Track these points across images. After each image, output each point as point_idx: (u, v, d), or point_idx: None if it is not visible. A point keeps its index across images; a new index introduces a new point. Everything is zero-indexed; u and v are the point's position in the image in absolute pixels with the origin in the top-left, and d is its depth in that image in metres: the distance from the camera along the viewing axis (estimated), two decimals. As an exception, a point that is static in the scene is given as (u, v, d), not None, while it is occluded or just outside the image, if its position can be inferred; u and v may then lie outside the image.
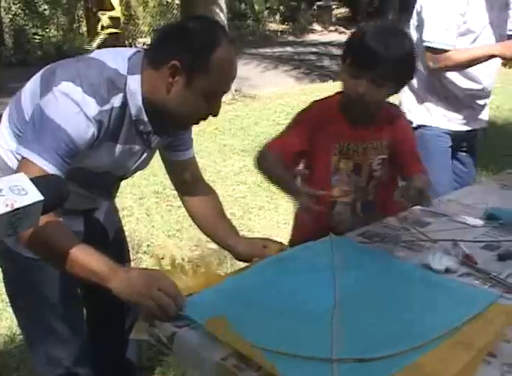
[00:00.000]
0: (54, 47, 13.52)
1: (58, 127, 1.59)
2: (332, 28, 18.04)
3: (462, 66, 2.81)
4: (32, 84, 1.78)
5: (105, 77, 1.67)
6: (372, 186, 2.16)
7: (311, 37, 16.75)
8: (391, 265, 1.81)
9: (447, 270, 1.73)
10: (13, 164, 1.75)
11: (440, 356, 1.35)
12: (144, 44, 14.13)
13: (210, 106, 1.74)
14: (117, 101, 1.69)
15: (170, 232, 4.44)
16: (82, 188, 1.86)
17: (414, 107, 2.99)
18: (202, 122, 1.81)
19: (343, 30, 17.68)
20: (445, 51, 2.73)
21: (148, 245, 4.25)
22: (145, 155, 1.91)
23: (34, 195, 1.25)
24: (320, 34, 17.19)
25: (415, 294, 1.66)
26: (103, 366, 2.25)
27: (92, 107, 1.64)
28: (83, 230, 1.97)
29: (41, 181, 1.31)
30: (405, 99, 3.01)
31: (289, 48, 14.52)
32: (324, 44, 15.07)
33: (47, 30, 14.34)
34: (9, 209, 1.20)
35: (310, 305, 1.58)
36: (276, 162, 2.04)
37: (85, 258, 1.54)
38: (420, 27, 2.82)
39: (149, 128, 1.78)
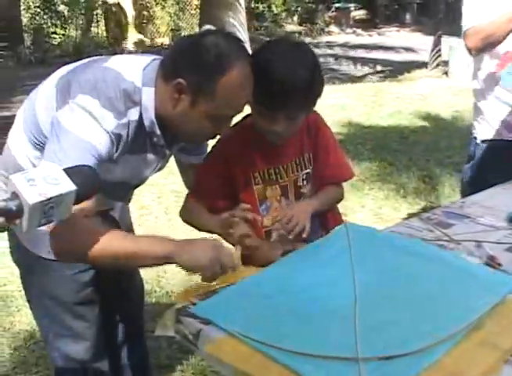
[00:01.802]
0: (73, 46, 13.60)
1: (81, 140, 1.57)
2: (349, 30, 17.99)
3: (498, 35, 2.64)
4: (46, 93, 1.73)
5: (121, 90, 1.65)
6: None
7: (328, 38, 16.70)
8: (409, 247, 1.81)
9: (471, 272, 1.72)
10: (27, 167, 1.75)
11: (464, 356, 1.34)
12: (162, 44, 14.19)
13: (216, 128, 1.72)
14: (133, 114, 1.68)
15: (188, 230, 4.41)
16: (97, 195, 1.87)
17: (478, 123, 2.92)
18: None
19: (360, 32, 17.64)
20: None
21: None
22: (160, 164, 1.93)
23: (67, 185, 1.27)
24: (337, 36, 17.14)
25: (437, 282, 1.64)
26: (119, 362, 2.30)
27: (110, 121, 1.62)
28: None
29: (73, 171, 1.33)
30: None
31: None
32: (341, 46, 15.03)
33: (66, 29, 14.42)
34: (42, 198, 1.22)
35: (329, 301, 1.57)
36: (200, 212, 1.97)
37: (146, 246, 1.56)
38: None
39: (162, 141, 1.77)
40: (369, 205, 4.76)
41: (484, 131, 2.86)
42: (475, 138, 2.89)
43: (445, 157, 5.83)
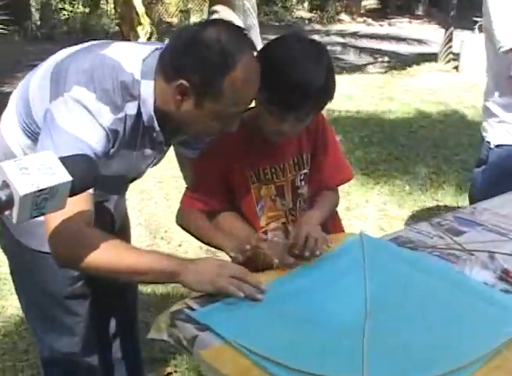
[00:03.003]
0: (80, 23, 13.47)
1: (75, 137, 1.48)
2: (360, 19, 17.79)
3: None
4: (41, 81, 1.64)
5: (119, 82, 1.54)
6: (300, 206, 1.98)
7: (338, 27, 16.52)
8: (424, 267, 1.72)
9: (484, 284, 1.64)
10: (19, 155, 1.68)
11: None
12: (171, 24, 14.05)
13: (224, 126, 1.63)
14: (131, 109, 1.58)
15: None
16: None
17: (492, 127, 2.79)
18: None
19: (371, 22, 17.44)
20: None
21: (166, 231, 4.19)
22: (158, 158, 1.85)
23: (62, 175, 1.20)
24: (348, 25, 16.96)
25: (453, 307, 1.55)
26: (110, 356, 2.24)
27: (106, 116, 1.53)
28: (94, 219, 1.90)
29: (70, 161, 1.25)
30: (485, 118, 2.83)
31: (316, 37, 14.35)
32: (351, 34, 14.88)
33: (74, 5, 14.27)
34: (34, 189, 1.16)
35: (339, 316, 1.50)
36: (207, 227, 1.88)
37: (150, 261, 1.52)
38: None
39: (161, 138, 1.68)
40: (374, 200, 4.68)
41: (499, 135, 2.74)
42: (488, 142, 2.77)
43: (453, 155, 5.74)
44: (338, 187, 2.08)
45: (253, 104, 1.76)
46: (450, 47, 10.79)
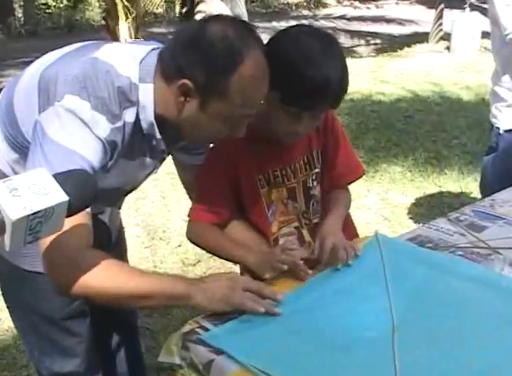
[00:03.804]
0: (64, 19, 13.27)
1: (70, 151, 1.34)
2: (347, 3, 17.67)
3: None
4: (27, 89, 1.49)
5: (115, 88, 1.40)
6: (313, 207, 1.87)
7: (325, 11, 16.38)
8: (450, 266, 1.61)
9: (515, 287, 1.53)
10: (6, 170, 1.56)
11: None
12: (156, 15, 13.84)
13: (231, 130, 1.49)
14: (129, 116, 1.44)
15: (187, 216, 4.25)
16: None
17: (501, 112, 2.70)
18: None
19: (358, 4, 17.32)
20: None
21: (164, 231, 4.07)
22: (157, 168, 1.72)
23: (58, 195, 1.10)
24: (335, 9, 16.82)
25: (489, 314, 1.44)
26: (114, 371, 2.13)
27: (103, 126, 1.38)
28: None
29: (66, 178, 1.15)
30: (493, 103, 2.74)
31: (305, 22, 14.17)
32: (339, 18, 14.74)
33: (58, 0, 14.06)
34: (27, 212, 1.05)
35: (364, 330, 1.38)
36: (215, 237, 1.76)
37: (158, 284, 1.40)
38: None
39: (163, 146, 1.55)
40: (376, 189, 4.56)
41: (508, 119, 2.63)
42: (498, 128, 2.66)
43: (452, 138, 5.63)
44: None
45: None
46: (441, 24, 10.67)
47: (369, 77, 8.17)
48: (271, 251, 1.65)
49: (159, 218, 4.27)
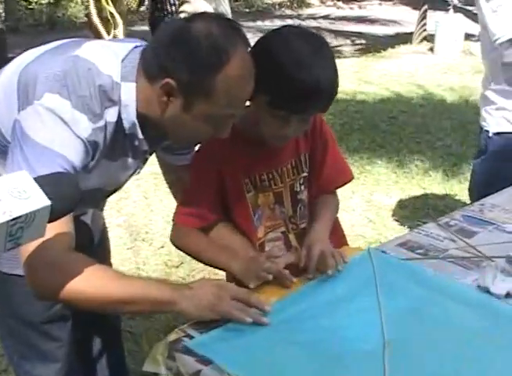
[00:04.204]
0: (46, 15, 13.13)
1: (50, 151, 1.30)
2: (330, 3, 17.66)
3: None
4: (5, 87, 1.44)
5: (97, 87, 1.37)
6: (300, 212, 1.83)
7: (309, 11, 16.36)
8: (442, 289, 1.56)
9: (507, 295, 1.50)
10: None
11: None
12: (139, 13, 13.74)
13: (216, 130, 1.46)
14: (111, 115, 1.40)
15: (169, 217, 4.17)
16: None
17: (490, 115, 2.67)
18: None
19: (341, 5, 17.32)
20: None
21: (146, 232, 4.02)
22: (140, 168, 1.68)
23: (39, 199, 1.05)
24: (318, 9, 16.81)
25: (475, 328, 1.42)
26: None
27: (84, 126, 1.35)
28: None
29: (47, 181, 1.10)
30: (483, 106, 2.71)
31: (289, 22, 14.14)
32: (323, 18, 14.73)
33: (39, -4, 13.92)
34: (7, 218, 1.01)
35: (355, 343, 1.35)
36: (199, 243, 1.71)
37: (142, 289, 1.36)
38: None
39: (145, 146, 1.51)
40: (360, 191, 4.54)
41: (498, 122, 2.62)
42: (487, 131, 2.65)
43: (437, 140, 5.62)
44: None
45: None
46: (424, 25, 10.69)
47: (353, 77, 8.16)
48: (255, 259, 1.60)
49: (141, 218, 4.22)
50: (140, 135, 1.46)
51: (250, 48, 1.44)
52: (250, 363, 1.28)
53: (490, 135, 2.63)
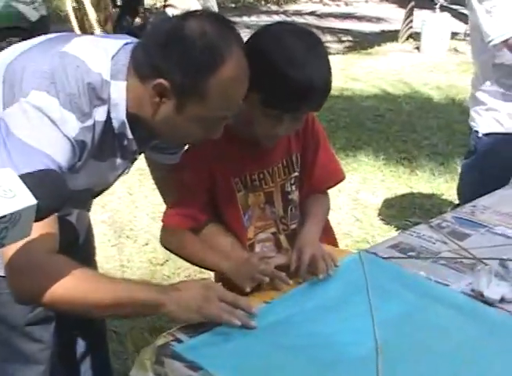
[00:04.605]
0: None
1: (36, 151, 1.26)
2: (316, -1, 17.64)
3: None
4: None
5: (86, 84, 1.32)
6: (291, 213, 1.80)
7: (295, 7, 16.30)
8: (435, 295, 1.54)
9: (502, 299, 1.49)
10: None
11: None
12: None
13: (207, 132, 1.43)
14: (99, 114, 1.36)
15: (154, 214, 4.14)
16: None
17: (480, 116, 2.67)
18: None
19: (327, 1, 17.27)
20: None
21: (131, 229, 3.97)
22: (128, 169, 1.65)
23: (25, 198, 1.02)
24: (304, 5, 16.76)
25: (468, 335, 1.40)
26: None
27: (72, 125, 1.31)
28: None
29: (34, 179, 1.07)
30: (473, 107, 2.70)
31: (276, 17, 14.10)
32: (309, 14, 14.69)
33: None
34: None
35: (347, 349, 1.33)
36: (189, 244, 1.68)
37: (128, 294, 1.33)
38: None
39: (134, 147, 1.47)
40: (347, 189, 4.51)
41: (487, 123, 2.61)
42: (476, 131, 2.64)
43: (423, 139, 5.61)
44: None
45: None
46: (411, 22, 10.69)
47: (340, 74, 8.13)
48: (249, 260, 1.58)
49: (126, 215, 4.17)
50: (130, 135, 1.43)
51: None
52: (240, 368, 1.26)
53: (480, 135, 2.62)
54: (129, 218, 4.10)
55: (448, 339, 1.37)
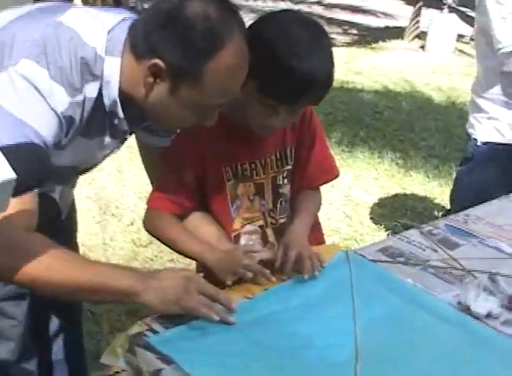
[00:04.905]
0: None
1: (21, 123, 1.20)
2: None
3: None
4: None
5: (78, 59, 1.28)
6: (281, 207, 1.76)
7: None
8: (421, 302, 1.51)
9: (488, 315, 1.46)
10: None
11: None
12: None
13: (200, 119, 1.39)
14: (90, 90, 1.32)
15: (142, 193, 4.09)
16: None
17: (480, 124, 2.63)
18: None
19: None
20: None
21: (117, 207, 3.94)
22: (118, 148, 1.61)
23: (4, 171, 0.98)
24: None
25: (453, 347, 1.37)
26: (50, 358, 2.02)
27: (61, 99, 1.26)
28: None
29: (14, 152, 1.04)
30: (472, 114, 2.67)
31: (282, 4, 14.00)
32: (315, 3, 14.60)
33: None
34: None
35: (327, 351, 1.30)
36: (173, 230, 1.64)
37: (104, 279, 1.30)
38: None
39: (125, 126, 1.43)
40: (339, 185, 4.47)
41: (487, 132, 2.58)
42: (475, 139, 2.61)
43: (420, 140, 5.59)
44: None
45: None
46: (418, 22, 10.64)
47: (342, 67, 8.08)
48: (233, 253, 1.54)
49: (113, 192, 4.13)
50: (121, 114, 1.39)
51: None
52: (215, 366, 1.22)
53: (478, 143, 2.59)
54: (116, 197, 4.06)
55: (429, 346, 1.35)
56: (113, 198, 4.05)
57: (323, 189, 1.89)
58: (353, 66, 8.29)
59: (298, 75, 1.41)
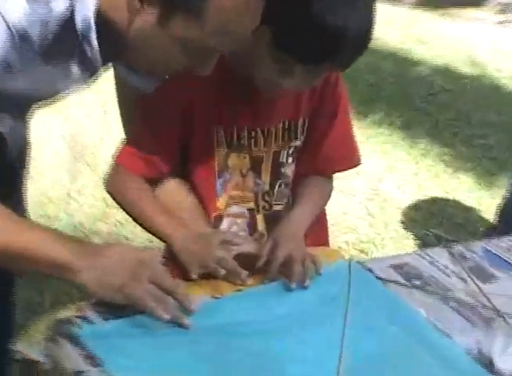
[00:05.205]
0: None
1: None
2: None
3: None
4: None
5: None
6: (279, 190, 1.75)
7: None
8: (430, 343, 1.46)
9: (513, 372, 1.41)
10: None
11: None
12: None
13: (190, 61, 1.34)
14: (59, 3, 1.25)
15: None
16: None
17: None
18: None
19: None
20: None
21: (93, 154, 3.95)
22: (87, 82, 1.53)
23: None
24: None
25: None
26: None
27: (17, 8, 1.20)
28: None
29: None
30: None
31: None
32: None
33: None
34: None
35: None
36: (141, 197, 1.63)
37: (37, 246, 1.28)
38: None
39: (98, 57, 1.36)
40: (367, 175, 4.43)
41: None
42: None
43: (477, 136, 5.50)
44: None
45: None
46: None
47: (399, 32, 8.03)
48: (206, 239, 1.53)
49: (92, 136, 4.13)
50: (95, 42, 1.32)
51: None
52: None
53: None
54: (94, 142, 4.05)
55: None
56: (91, 144, 4.05)
57: (346, 174, 1.85)
58: (413, 33, 8.22)
59: (325, 27, 1.36)
